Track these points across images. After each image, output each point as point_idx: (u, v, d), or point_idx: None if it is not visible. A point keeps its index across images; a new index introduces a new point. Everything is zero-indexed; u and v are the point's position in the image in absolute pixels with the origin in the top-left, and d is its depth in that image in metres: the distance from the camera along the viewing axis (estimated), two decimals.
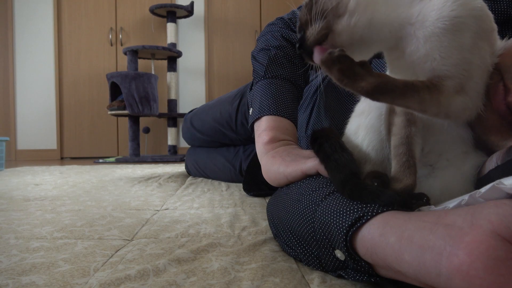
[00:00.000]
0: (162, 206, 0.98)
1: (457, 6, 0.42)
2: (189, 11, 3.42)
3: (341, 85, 0.40)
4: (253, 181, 1.12)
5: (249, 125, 0.78)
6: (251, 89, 0.83)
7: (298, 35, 0.49)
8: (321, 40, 0.45)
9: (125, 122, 3.67)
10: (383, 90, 0.39)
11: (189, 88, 3.80)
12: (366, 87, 0.38)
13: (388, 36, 0.45)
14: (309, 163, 0.55)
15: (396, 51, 0.47)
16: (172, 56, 3.35)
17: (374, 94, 0.39)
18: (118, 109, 2.89)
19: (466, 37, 0.42)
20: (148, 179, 1.59)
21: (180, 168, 2.18)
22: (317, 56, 0.47)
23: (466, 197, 0.35)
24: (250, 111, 0.80)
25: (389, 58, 0.50)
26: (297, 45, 0.48)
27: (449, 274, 0.29)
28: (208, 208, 0.94)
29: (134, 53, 3.04)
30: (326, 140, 0.51)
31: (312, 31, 0.45)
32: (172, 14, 3.43)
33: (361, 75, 0.39)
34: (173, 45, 3.44)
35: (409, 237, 0.34)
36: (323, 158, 0.51)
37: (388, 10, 0.45)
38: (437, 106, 0.41)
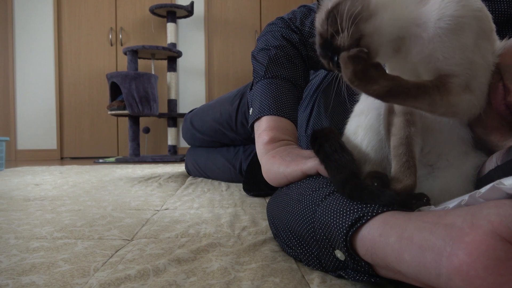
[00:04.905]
0: (162, 206, 0.98)
1: (460, 7, 0.42)
2: (189, 11, 3.42)
3: (351, 86, 0.40)
4: (253, 181, 1.12)
5: (249, 125, 0.78)
6: (251, 89, 0.83)
7: (325, 50, 0.46)
8: (355, 45, 0.43)
9: (125, 122, 3.67)
10: (395, 94, 0.39)
11: (189, 88, 3.80)
12: (378, 90, 0.39)
13: (396, 35, 0.45)
14: (309, 163, 0.55)
15: (398, 52, 0.47)
16: (172, 56, 3.35)
17: (386, 97, 0.39)
18: (118, 109, 2.89)
19: (468, 37, 0.42)
20: (148, 179, 1.59)
21: (180, 168, 2.18)
22: None
23: (466, 197, 0.35)
24: (250, 111, 0.80)
25: (390, 59, 0.50)
26: (334, 60, 0.45)
27: (449, 274, 0.29)
28: (208, 208, 0.94)
29: (134, 53, 3.04)
30: (326, 140, 0.51)
31: (343, 38, 0.43)
32: (172, 14, 3.43)
33: (374, 78, 0.39)
34: (173, 45, 3.43)
35: (409, 237, 0.34)
36: (323, 158, 0.51)
37: (401, 9, 0.45)
38: (446, 106, 0.42)
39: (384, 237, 0.36)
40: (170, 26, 3.44)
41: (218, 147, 1.51)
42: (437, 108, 0.41)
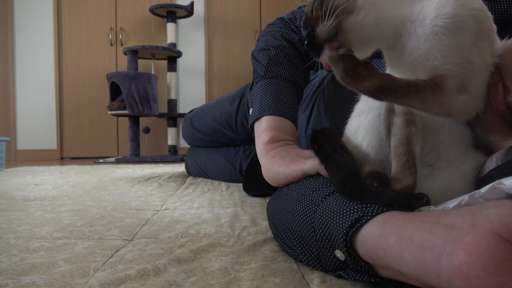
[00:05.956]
0: (162, 206, 0.98)
1: (458, 5, 0.42)
2: (189, 11, 3.42)
3: (343, 84, 0.40)
4: (253, 181, 1.12)
5: (249, 125, 0.78)
6: (251, 89, 0.83)
7: (305, 31, 0.48)
8: (331, 37, 0.44)
9: (125, 122, 3.67)
10: (386, 91, 0.39)
11: (189, 88, 3.80)
12: (369, 87, 0.39)
13: (389, 33, 0.45)
14: (309, 163, 0.55)
15: (395, 49, 0.47)
16: (172, 56, 3.35)
17: (376, 94, 0.39)
18: (118, 109, 2.89)
19: (466, 37, 0.42)
20: (148, 179, 1.59)
21: (180, 168, 2.18)
22: (326, 54, 0.46)
23: (466, 197, 0.35)
24: (250, 111, 0.80)
25: (388, 57, 0.50)
26: (305, 42, 0.47)
27: (449, 275, 0.29)
28: (208, 208, 0.94)
29: (134, 53, 3.04)
30: (326, 140, 0.51)
31: (323, 28, 0.44)
32: (172, 14, 3.43)
33: (364, 75, 0.39)
34: (173, 45, 3.44)
35: (409, 237, 0.34)
36: (323, 158, 0.51)
37: (393, 7, 0.45)
38: (439, 105, 0.41)
39: (384, 237, 0.36)
40: (170, 26, 3.44)
41: (218, 147, 1.51)
42: (429, 107, 0.41)
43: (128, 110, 2.84)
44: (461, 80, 0.42)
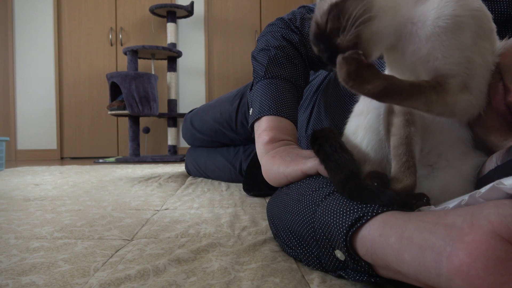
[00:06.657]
0: (162, 206, 0.98)
1: (458, 6, 0.42)
2: (189, 11, 3.42)
3: (347, 87, 0.40)
4: (253, 181, 1.12)
5: (249, 125, 0.78)
6: (251, 89, 0.83)
7: (320, 43, 0.47)
8: (352, 48, 0.44)
9: (125, 122, 3.67)
10: (389, 93, 0.39)
11: (189, 88, 3.80)
12: (373, 90, 0.39)
13: (392, 36, 0.46)
14: (309, 163, 0.55)
15: (395, 51, 0.47)
16: (172, 56, 3.35)
17: (380, 97, 0.39)
18: (118, 109, 2.89)
19: (467, 37, 0.43)
20: (148, 179, 1.59)
21: (180, 168, 2.18)
22: None
23: (466, 197, 0.35)
24: (250, 111, 0.80)
25: (388, 59, 0.50)
26: (325, 54, 0.46)
27: (449, 275, 0.29)
28: (208, 208, 0.94)
29: (134, 53, 3.04)
30: (326, 140, 0.51)
31: (344, 39, 0.44)
32: (172, 14, 3.43)
33: (367, 78, 0.39)
34: (173, 45, 3.43)
35: (409, 237, 0.34)
36: (323, 158, 0.51)
37: (396, 11, 0.45)
38: (443, 106, 0.42)
39: (384, 237, 0.36)
40: (170, 26, 3.44)
41: (218, 147, 1.51)
42: (433, 107, 0.41)
43: (128, 110, 2.84)
44: (463, 79, 0.42)
